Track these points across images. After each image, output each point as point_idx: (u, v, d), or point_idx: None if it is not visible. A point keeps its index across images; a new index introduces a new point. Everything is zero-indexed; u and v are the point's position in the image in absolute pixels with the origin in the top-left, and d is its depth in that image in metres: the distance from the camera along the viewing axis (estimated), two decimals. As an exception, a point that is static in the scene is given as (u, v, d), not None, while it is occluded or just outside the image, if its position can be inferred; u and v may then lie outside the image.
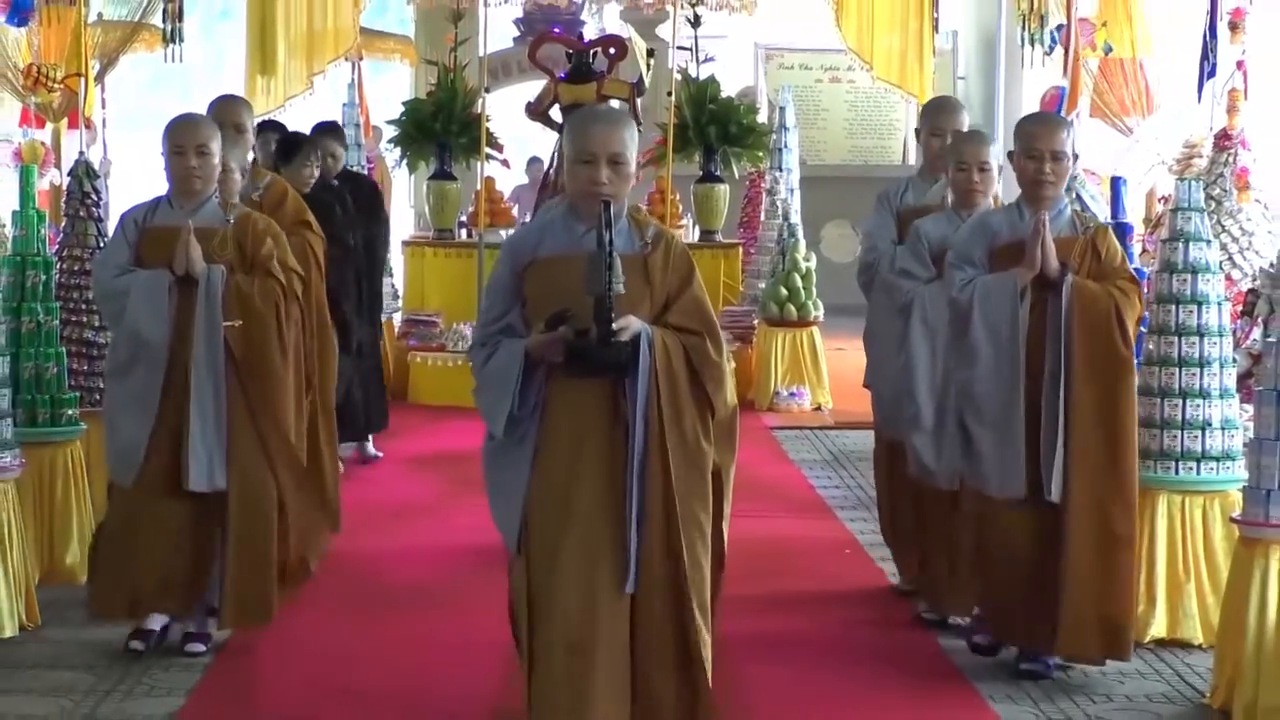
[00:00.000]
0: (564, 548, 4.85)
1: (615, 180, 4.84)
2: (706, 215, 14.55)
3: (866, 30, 16.52)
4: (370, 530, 8.80)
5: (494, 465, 4.98)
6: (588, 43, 14.01)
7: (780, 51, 21.21)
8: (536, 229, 5.09)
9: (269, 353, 6.35)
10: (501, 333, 4.90)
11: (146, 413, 6.25)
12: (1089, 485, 6.11)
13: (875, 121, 21.51)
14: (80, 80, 14.19)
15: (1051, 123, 6.58)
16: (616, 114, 5.31)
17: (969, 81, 20.85)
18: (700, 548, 4.92)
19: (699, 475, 4.91)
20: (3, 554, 6.69)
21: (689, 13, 14.63)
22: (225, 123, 7.20)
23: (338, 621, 7.21)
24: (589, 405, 4.86)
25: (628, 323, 4.74)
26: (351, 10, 16.28)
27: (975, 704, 6.20)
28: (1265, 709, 5.72)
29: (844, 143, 21.46)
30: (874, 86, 18.25)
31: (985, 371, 6.19)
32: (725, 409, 4.97)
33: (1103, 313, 6.06)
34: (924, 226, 6.88)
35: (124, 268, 6.30)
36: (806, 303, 13.50)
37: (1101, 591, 6.12)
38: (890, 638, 7.07)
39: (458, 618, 7.14)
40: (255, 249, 6.37)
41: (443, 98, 14.40)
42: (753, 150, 14.66)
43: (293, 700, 6.19)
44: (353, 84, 16.63)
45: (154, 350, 6.22)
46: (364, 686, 6.30)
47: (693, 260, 5.00)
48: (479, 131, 14.06)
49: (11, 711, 5.84)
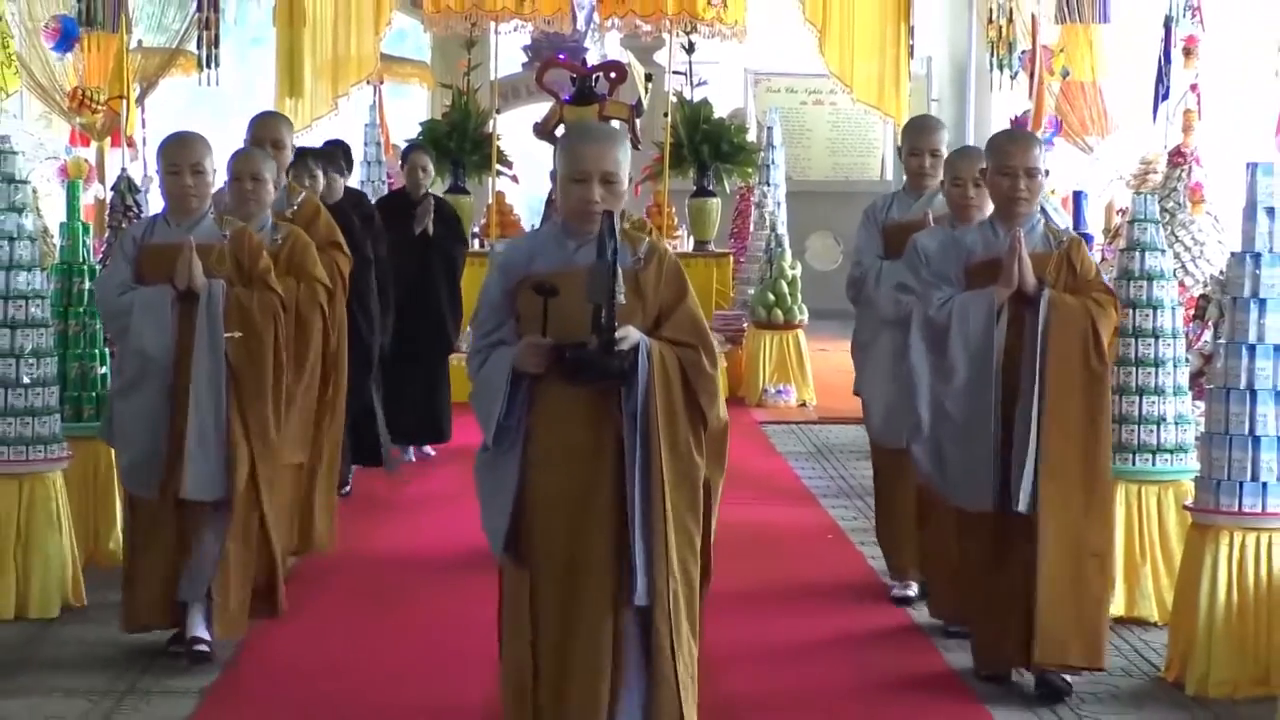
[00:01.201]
0: (549, 557, 4.49)
1: (608, 198, 4.48)
2: (700, 227, 14.56)
3: (847, 56, 16.49)
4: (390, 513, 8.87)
5: (484, 473, 4.59)
6: (590, 68, 14.02)
7: (768, 76, 21.20)
8: (527, 247, 4.72)
9: (264, 364, 6.05)
10: (494, 346, 4.54)
11: (158, 426, 5.96)
12: (1062, 498, 5.70)
13: (855, 140, 21.50)
14: (122, 102, 14.19)
15: (1024, 139, 6.14)
16: (609, 132, 4.94)
17: (942, 103, 20.83)
18: (691, 561, 4.54)
19: (690, 487, 4.53)
20: (54, 538, 6.74)
21: (684, 40, 14.64)
22: (263, 139, 7.11)
23: (356, 613, 7.00)
24: (577, 415, 4.47)
25: (627, 333, 4.38)
26: (373, 38, 16.25)
27: (932, 656, 6.36)
28: (1216, 681, 5.73)
29: (826, 160, 21.45)
30: (854, 108, 18.23)
31: (960, 387, 5.78)
32: (717, 422, 4.58)
33: (1079, 327, 5.67)
34: (921, 241, 6.34)
35: (126, 285, 6.00)
36: (792, 307, 13.55)
37: (1076, 603, 5.73)
38: (863, 610, 7.12)
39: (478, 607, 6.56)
40: (252, 263, 6.08)
41: (457, 118, 14.42)
42: (742, 167, 14.69)
43: (310, 698, 5.91)
44: (374, 106, 16.64)
45: (158, 364, 5.93)
46: (382, 683, 6.06)
47: (685, 274, 4.64)
48: (490, 150, 14.09)
49: (36, 711, 5.63)
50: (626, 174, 4.54)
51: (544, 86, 13.94)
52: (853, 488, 9.99)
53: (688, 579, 4.51)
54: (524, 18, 14.96)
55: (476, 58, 14.87)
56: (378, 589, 7.39)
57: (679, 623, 4.46)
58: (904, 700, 5.99)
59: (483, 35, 15.28)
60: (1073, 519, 5.71)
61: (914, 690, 6.08)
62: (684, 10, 14.51)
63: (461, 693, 5.90)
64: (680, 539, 4.48)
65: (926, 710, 5.91)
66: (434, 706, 5.84)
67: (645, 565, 4.41)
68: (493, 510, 4.54)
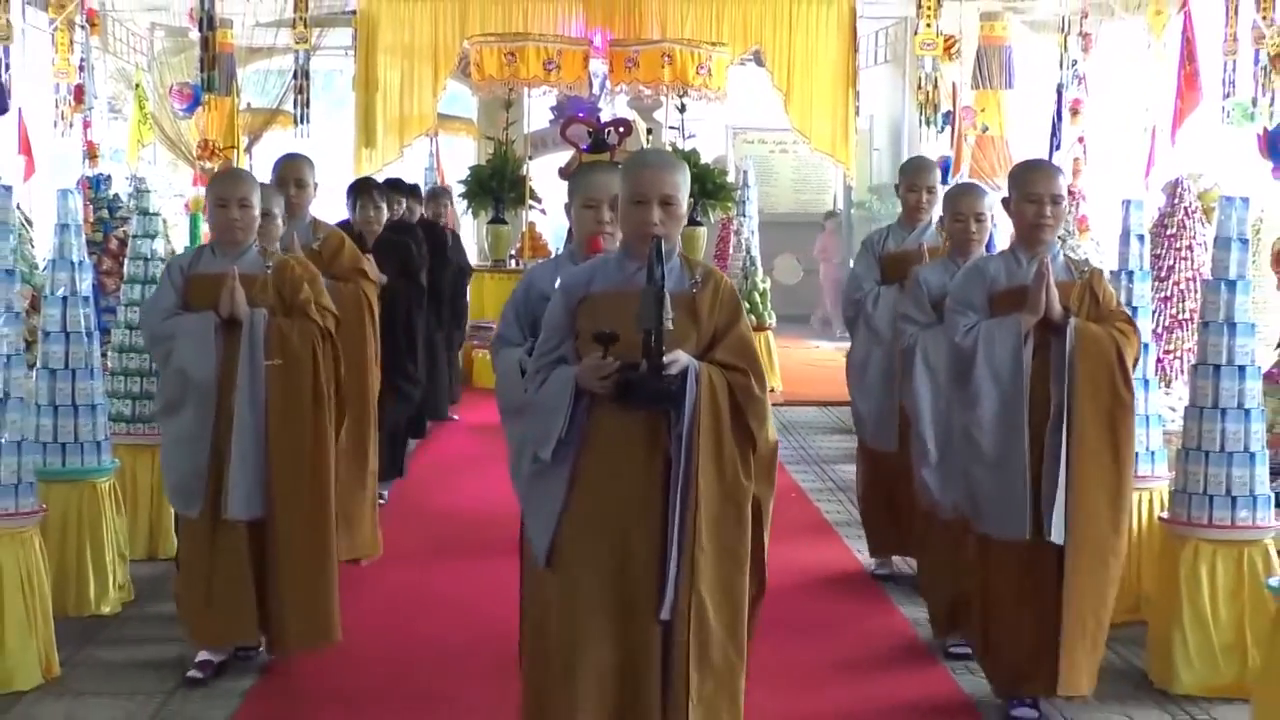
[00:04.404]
0: (593, 571, 3.69)
1: (667, 221, 3.77)
2: (690, 249, 14.44)
3: (807, 115, 16.55)
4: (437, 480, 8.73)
5: (533, 485, 3.81)
6: (603, 124, 13.99)
7: (744, 130, 21.19)
8: (588, 268, 3.91)
9: (303, 390, 5.13)
10: (554, 365, 3.79)
11: (201, 448, 5.07)
12: (1091, 526, 4.63)
13: (813, 181, 21.50)
14: (234, 151, 14.22)
15: (1047, 169, 4.96)
16: (668, 157, 4.09)
17: (881, 152, 20.79)
18: (737, 578, 3.73)
19: (736, 507, 3.72)
20: (108, 539, 6.08)
21: (678, 102, 14.63)
22: (287, 178, 6.26)
23: (394, 613, 6.06)
24: (630, 434, 3.70)
25: (676, 357, 3.64)
26: (431, 100, 16.36)
27: (894, 614, 6.01)
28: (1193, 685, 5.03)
29: (790, 197, 21.43)
30: (812, 156, 18.25)
31: (988, 415, 4.69)
32: (766, 445, 3.79)
33: (1106, 355, 4.65)
34: (923, 274, 5.61)
35: (171, 311, 5.17)
36: (763, 313, 13.59)
37: (1094, 630, 4.70)
38: (825, 563, 6.96)
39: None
40: (293, 294, 5.21)
41: (497, 164, 14.39)
42: (723, 202, 14.65)
43: (354, 692, 5.06)
44: (432, 153, 16.69)
45: (202, 389, 5.06)
46: (424, 676, 5.23)
47: (739, 300, 3.89)
48: (524, 189, 14.06)
49: (85, 715, 4.83)
50: (686, 197, 3.86)
51: (566, 138, 13.93)
52: (812, 456, 10.01)
53: (731, 598, 3.72)
54: (551, 84, 14.99)
55: (513, 115, 14.86)
56: (416, 586, 6.50)
57: (707, 642, 3.67)
58: (877, 665, 5.46)
59: (518, 98, 15.27)
60: (1099, 546, 4.66)
61: (886, 656, 5.54)
62: (677, 79, 14.53)
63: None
64: (722, 558, 3.69)
65: (896, 671, 5.37)
66: (476, 701, 4.96)
67: (674, 583, 3.65)
68: (539, 522, 3.79)
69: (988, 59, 16.57)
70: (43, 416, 5.95)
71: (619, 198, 3.84)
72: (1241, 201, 5.22)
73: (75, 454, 6.01)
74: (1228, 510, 5.09)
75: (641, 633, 3.67)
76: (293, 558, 5.08)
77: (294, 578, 5.08)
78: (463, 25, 16.05)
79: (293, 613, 5.09)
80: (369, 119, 16.18)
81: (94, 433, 6.03)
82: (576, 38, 15.37)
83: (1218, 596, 5.06)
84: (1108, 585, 4.69)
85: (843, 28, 16.38)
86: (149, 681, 5.09)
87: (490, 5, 16.18)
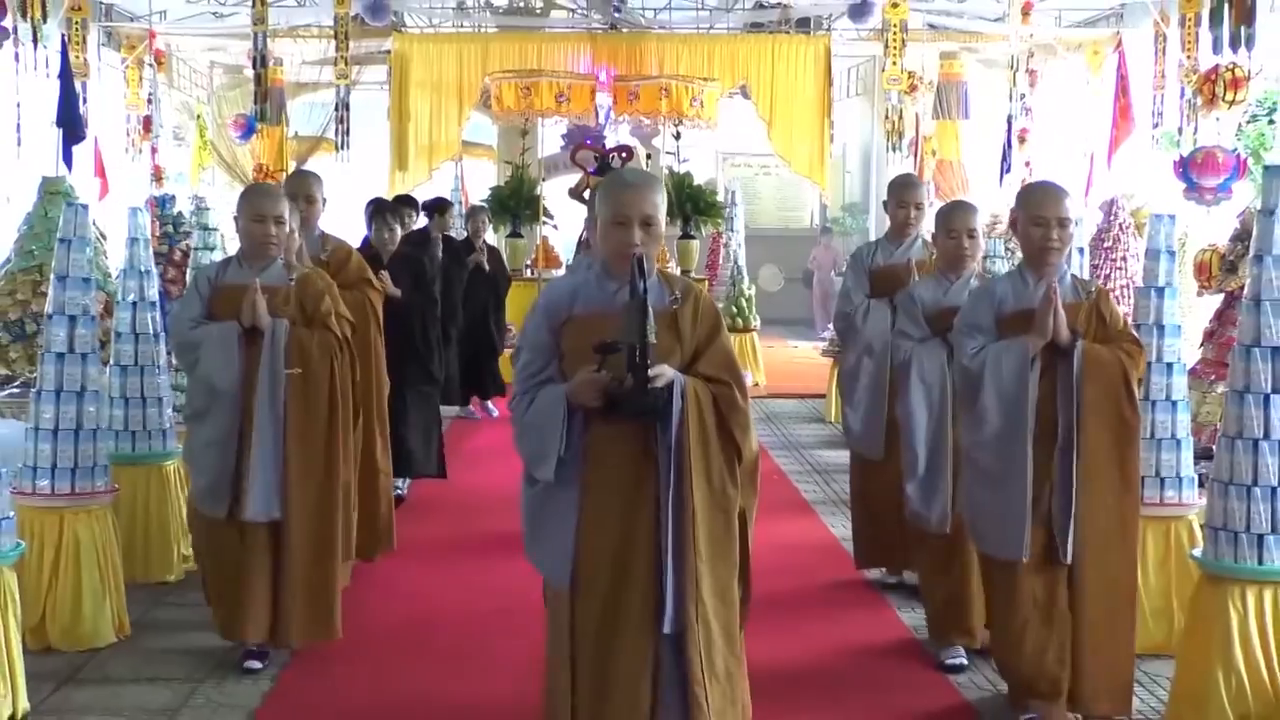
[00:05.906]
0: (592, 584, 3.33)
1: (647, 241, 3.36)
2: (685, 260, 14.53)
3: (788, 141, 16.58)
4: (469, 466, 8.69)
5: (539, 509, 3.40)
6: (608, 150, 13.99)
7: (732, 155, 21.21)
8: (569, 288, 3.49)
9: (320, 398, 4.80)
10: (540, 386, 3.39)
11: (227, 452, 4.72)
12: (1100, 547, 4.16)
13: (793, 200, 21.52)
14: (283, 174, 14.25)
15: (1056, 191, 4.34)
16: (647, 177, 3.60)
17: (852, 175, 20.83)
18: (730, 584, 3.39)
19: (725, 516, 3.36)
20: (172, 514, 6.02)
21: (674, 130, 14.64)
22: (297, 194, 5.80)
23: (417, 599, 5.74)
24: (620, 449, 3.32)
25: (662, 371, 3.25)
26: (456, 129, 16.39)
27: (881, 607, 5.71)
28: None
29: (773, 214, 21.45)
30: (792, 178, 18.25)
31: (994, 436, 4.20)
32: (750, 454, 3.43)
33: (1112, 379, 4.16)
34: (917, 290, 5.18)
35: (198, 320, 4.81)
36: (749, 316, 13.62)
37: (1111, 650, 4.19)
38: (807, 545, 6.77)
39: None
40: (315, 306, 4.86)
41: (515, 185, 14.40)
42: (713, 218, 14.65)
43: (379, 678, 4.75)
44: (457, 175, 16.70)
45: (226, 395, 4.71)
46: (451, 660, 4.91)
47: (719, 314, 3.52)
48: (538, 206, 14.06)
49: (133, 704, 4.49)
50: (664, 217, 3.43)
51: (576, 162, 13.94)
52: (791, 443, 10.02)
53: (727, 602, 3.38)
54: (562, 114, 15.01)
55: (529, 142, 14.89)
56: (437, 576, 6.09)
57: (711, 649, 3.31)
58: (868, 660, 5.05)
59: (533, 126, 15.30)
60: (1108, 566, 4.20)
61: (874, 648, 5.14)
62: (674, 109, 14.57)
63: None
64: (719, 566, 3.35)
65: (883, 661, 5.01)
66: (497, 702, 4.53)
67: (675, 595, 3.28)
68: (552, 544, 3.38)
69: (947, 93, 16.63)
70: (115, 408, 5.96)
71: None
72: (1169, 218, 5.17)
73: (144, 441, 6.01)
74: (1157, 490, 5.01)
75: (635, 646, 3.30)
76: (301, 557, 4.78)
77: (301, 576, 4.79)
78: (484, 63, 16.12)
79: (298, 609, 4.79)
80: (402, 145, 16.26)
81: (160, 422, 6.05)
82: (585, 74, 15.41)
83: (1148, 566, 4.97)
84: (1121, 604, 4.21)
85: (819, 65, 16.41)
86: (210, 639, 5.05)
87: (509, 45, 16.29)
